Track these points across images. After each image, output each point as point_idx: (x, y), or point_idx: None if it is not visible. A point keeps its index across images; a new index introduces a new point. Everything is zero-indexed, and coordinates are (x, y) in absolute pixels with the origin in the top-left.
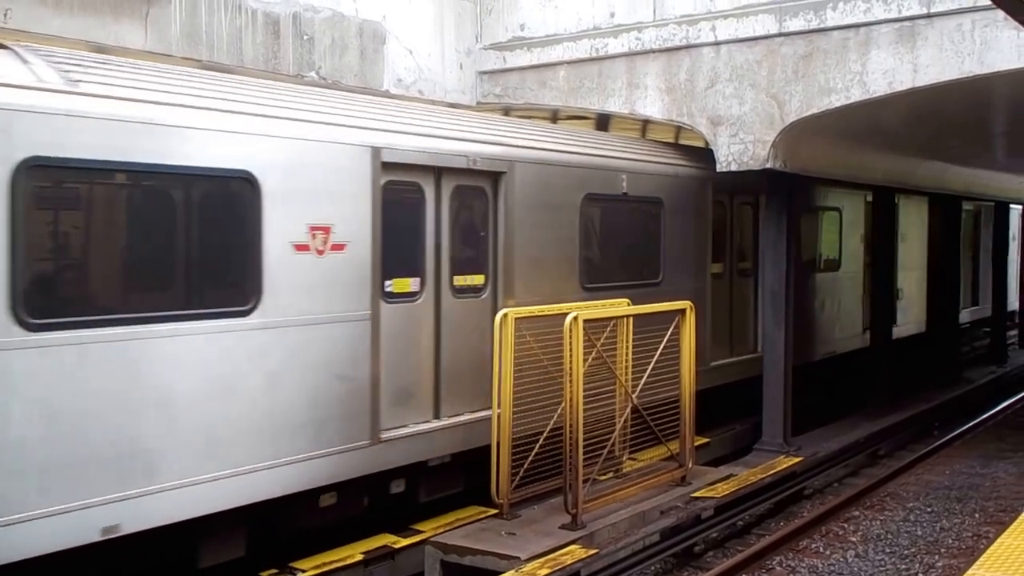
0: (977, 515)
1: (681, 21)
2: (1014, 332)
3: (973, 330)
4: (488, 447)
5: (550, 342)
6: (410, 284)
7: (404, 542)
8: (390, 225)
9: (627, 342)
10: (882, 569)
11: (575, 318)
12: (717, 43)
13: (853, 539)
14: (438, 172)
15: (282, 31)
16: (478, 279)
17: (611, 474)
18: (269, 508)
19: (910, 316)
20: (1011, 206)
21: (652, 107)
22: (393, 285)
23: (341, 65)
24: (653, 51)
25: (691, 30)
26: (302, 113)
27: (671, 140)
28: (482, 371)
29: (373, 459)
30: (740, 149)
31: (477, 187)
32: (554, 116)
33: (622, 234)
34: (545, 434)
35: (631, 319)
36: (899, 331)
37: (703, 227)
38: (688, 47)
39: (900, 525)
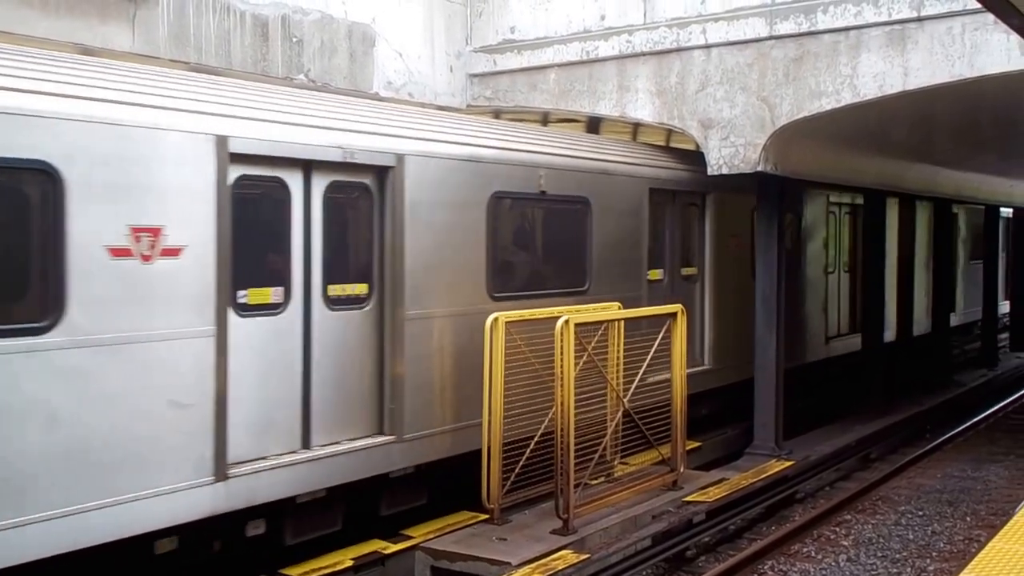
0: (969, 519)
1: (672, 24)
2: (1004, 335)
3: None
4: (379, 476)
5: (539, 346)
6: (271, 294)
7: (394, 548)
8: (245, 227)
9: (618, 346)
10: (874, 573)
11: (566, 321)
12: (708, 46)
13: (845, 543)
14: (307, 166)
15: (271, 33)
16: (360, 288)
17: (602, 478)
18: (85, 558)
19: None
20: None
21: (643, 110)
22: (249, 296)
23: (330, 67)
24: (644, 54)
25: (682, 33)
26: (123, 94)
27: (662, 143)
28: (367, 392)
29: (218, 498)
30: (731, 152)
31: (358, 183)
32: (545, 119)
33: (541, 237)
34: (536, 438)
35: (622, 322)
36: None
37: (638, 230)
38: (679, 50)
39: (892, 529)
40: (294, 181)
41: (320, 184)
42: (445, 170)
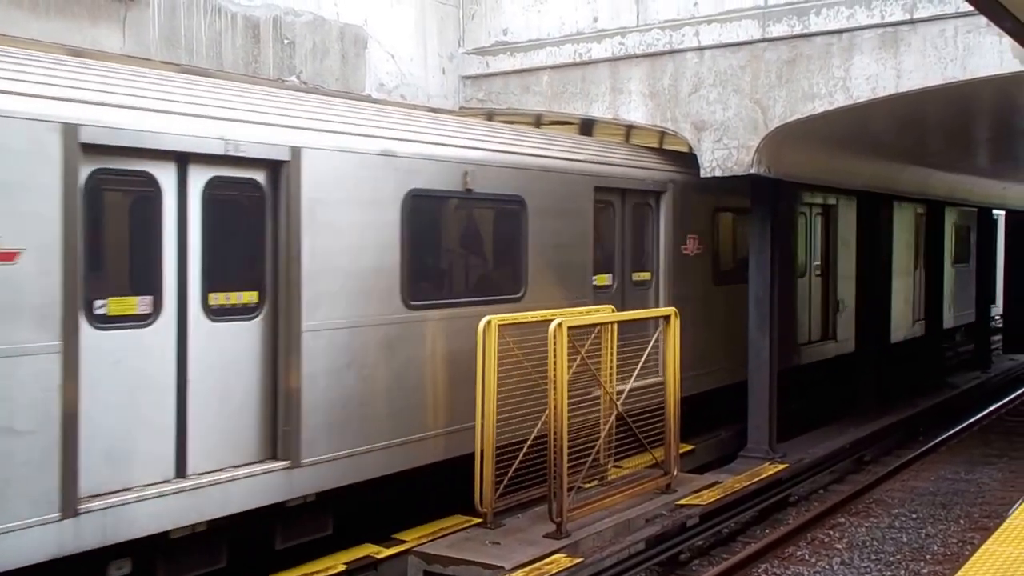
0: (962, 521)
1: (664, 26)
2: (997, 338)
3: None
4: (274, 505)
5: (532, 349)
6: (137, 304)
7: (387, 552)
8: (102, 228)
9: (611, 349)
10: None
11: (559, 324)
12: (701, 48)
13: (839, 546)
14: (182, 159)
15: (262, 35)
16: (249, 297)
17: (596, 482)
18: None
19: (851, 331)
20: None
21: (636, 112)
22: (108, 306)
23: (322, 69)
24: (636, 56)
25: (675, 35)
26: None
27: (655, 145)
28: (257, 413)
29: (66, 537)
30: (724, 155)
31: (246, 180)
32: (537, 121)
33: (468, 240)
34: (529, 442)
35: (615, 325)
36: (840, 347)
37: (583, 232)
38: (672, 52)
39: (885, 532)
40: (165, 176)
41: (198, 180)
42: (352, 165)
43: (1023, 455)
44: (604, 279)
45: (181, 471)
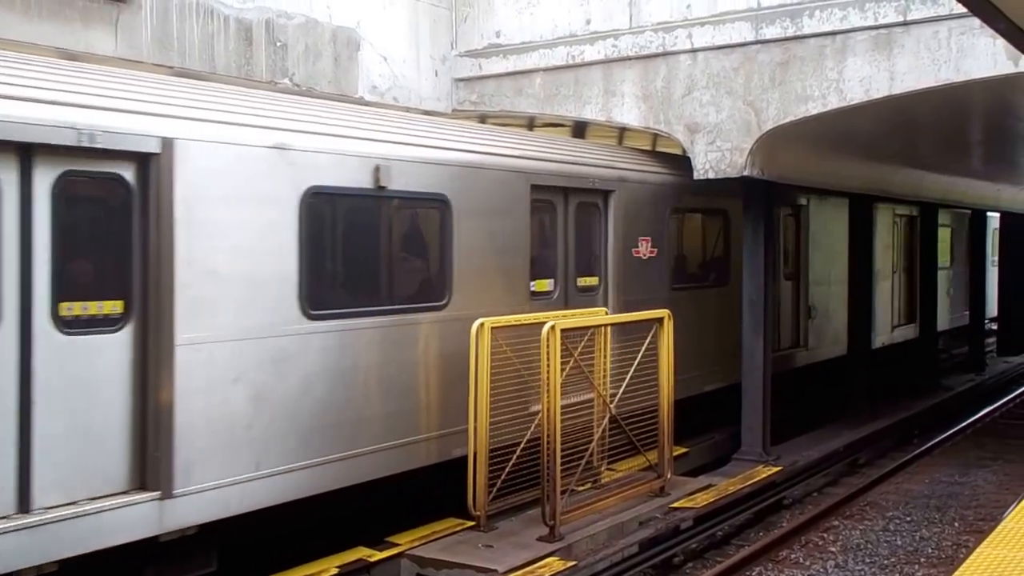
0: (957, 524)
1: (657, 28)
2: (991, 340)
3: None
4: (142, 541)
5: (526, 352)
6: None
7: (379, 555)
8: None
9: (604, 351)
10: None
11: (552, 327)
12: (694, 50)
13: (833, 549)
14: (25, 150)
15: (254, 37)
16: (112, 306)
17: (589, 485)
18: None
19: (826, 337)
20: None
21: (629, 115)
22: None
23: (315, 72)
24: (629, 58)
25: (667, 37)
26: None
27: (648, 148)
28: (123, 438)
29: None
30: (717, 157)
31: (108, 174)
32: (531, 123)
33: (381, 243)
34: (522, 445)
35: (608, 328)
36: (812, 355)
37: (518, 234)
38: (665, 54)
39: (880, 535)
40: (3, 170)
41: (47, 175)
42: (238, 159)
43: (1017, 458)
44: (544, 285)
45: (24, 505)
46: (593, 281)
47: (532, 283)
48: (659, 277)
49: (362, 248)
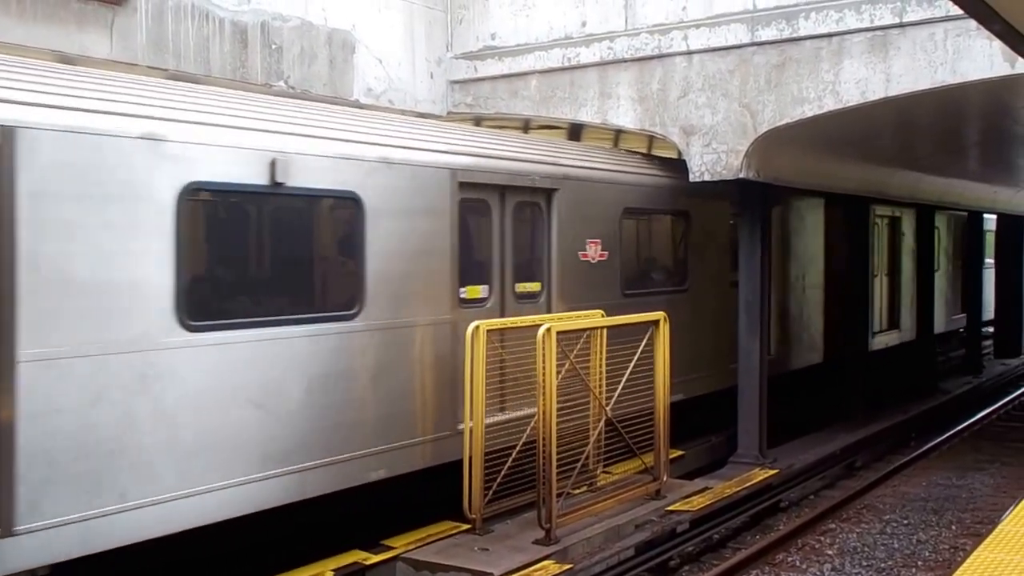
0: (954, 527)
1: (653, 30)
2: (988, 342)
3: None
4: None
5: (521, 355)
6: None
7: (375, 559)
8: None
9: (600, 354)
10: None
11: (548, 329)
12: (689, 52)
13: (829, 552)
14: None
15: (250, 40)
16: None
17: (585, 488)
18: None
19: (804, 343)
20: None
21: (624, 117)
22: None
23: (310, 74)
24: (625, 60)
25: (663, 39)
26: None
27: (643, 150)
28: None
29: None
30: (713, 159)
31: None
32: (526, 126)
33: (278, 247)
34: (518, 447)
35: (604, 330)
36: (778, 365)
37: (442, 236)
38: (660, 56)
39: (877, 538)
40: None
41: None
42: (100, 151)
43: (1015, 461)
44: (476, 291)
45: None
46: (535, 287)
47: (462, 289)
48: (610, 282)
49: (254, 252)
